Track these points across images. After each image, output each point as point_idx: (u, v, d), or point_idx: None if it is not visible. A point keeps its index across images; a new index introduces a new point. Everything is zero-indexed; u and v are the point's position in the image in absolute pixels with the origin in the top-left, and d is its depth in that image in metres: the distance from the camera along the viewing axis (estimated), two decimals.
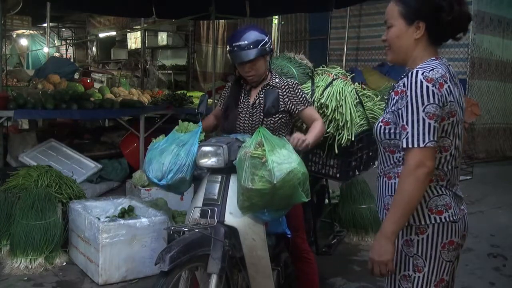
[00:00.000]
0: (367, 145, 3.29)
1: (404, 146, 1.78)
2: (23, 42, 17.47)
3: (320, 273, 3.01)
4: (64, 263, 3.85)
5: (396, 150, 1.91)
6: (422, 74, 1.78)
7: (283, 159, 2.34)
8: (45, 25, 11.78)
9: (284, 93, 2.83)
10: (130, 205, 4.10)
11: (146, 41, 12.75)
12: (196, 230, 2.38)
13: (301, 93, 2.86)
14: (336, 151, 3.01)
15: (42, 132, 6.81)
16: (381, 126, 1.93)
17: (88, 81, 8.04)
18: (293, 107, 2.84)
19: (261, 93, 2.82)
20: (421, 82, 1.77)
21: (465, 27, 1.88)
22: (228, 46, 2.79)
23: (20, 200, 3.92)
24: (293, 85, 2.86)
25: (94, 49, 15.81)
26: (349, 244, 4.46)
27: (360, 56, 9.78)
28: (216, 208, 2.48)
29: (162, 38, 13.08)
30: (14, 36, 17.09)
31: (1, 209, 3.99)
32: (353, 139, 3.02)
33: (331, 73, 3.26)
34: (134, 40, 13.62)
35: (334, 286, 3.65)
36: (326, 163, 3.19)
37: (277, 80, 2.88)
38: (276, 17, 10.48)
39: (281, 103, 2.78)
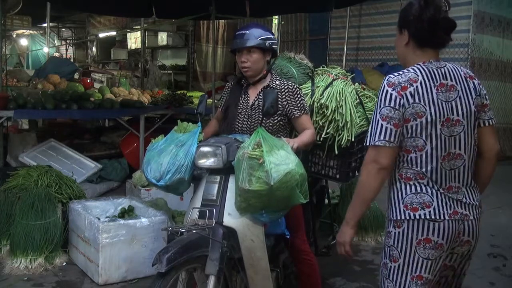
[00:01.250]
0: (367, 146, 3.28)
1: (365, 144, 2.01)
2: (23, 42, 17.45)
3: (320, 273, 3.01)
4: (64, 263, 3.85)
5: None
6: (387, 79, 1.97)
7: (281, 160, 2.32)
8: (45, 25, 11.77)
9: (284, 96, 2.81)
10: (130, 205, 4.10)
11: (146, 41, 12.75)
12: (194, 231, 2.38)
13: (300, 99, 2.83)
14: (336, 152, 3.00)
15: (42, 132, 6.82)
16: None
17: (88, 81, 8.04)
18: (289, 111, 2.82)
19: (261, 94, 2.81)
20: (384, 86, 1.96)
21: (446, 32, 1.99)
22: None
23: (20, 200, 3.92)
24: (294, 89, 2.84)
25: (94, 49, 15.79)
26: None
27: (360, 56, 9.77)
28: (214, 209, 2.47)
29: (162, 38, 13.06)
30: (14, 36, 17.06)
31: (1, 209, 3.99)
32: (353, 140, 3.00)
33: (331, 73, 3.24)
34: (134, 40, 13.61)
35: (334, 286, 3.64)
36: (325, 164, 3.17)
37: (277, 82, 2.86)
38: (276, 17, 10.48)
39: (279, 106, 2.77)
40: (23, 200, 3.85)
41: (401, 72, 1.97)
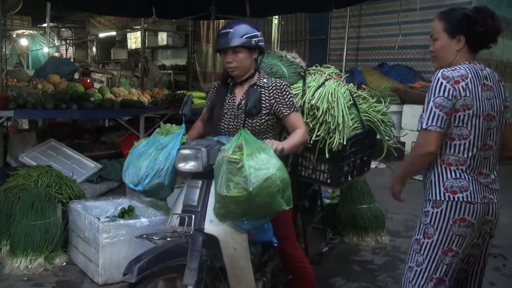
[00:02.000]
0: (361, 150, 3.14)
1: (417, 128, 2.19)
2: (23, 42, 17.47)
3: (320, 274, 2.97)
4: (64, 263, 3.85)
5: None
6: (442, 72, 2.17)
7: (261, 164, 2.17)
8: (45, 25, 11.78)
9: (271, 94, 2.66)
10: (130, 205, 4.10)
11: (146, 41, 12.77)
12: (169, 239, 2.25)
13: (288, 96, 2.68)
14: (327, 155, 2.86)
15: (42, 132, 6.82)
16: None
17: (88, 81, 8.04)
18: (277, 109, 2.67)
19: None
20: (438, 78, 2.16)
21: (496, 38, 2.28)
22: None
23: (20, 200, 3.91)
24: (282, 86, 2.68)
25: (94, 49, 15.82)
26: (349, 244, 4.45)
27: (360, 56, 9.78)
28: (194, 215, 2.33)
29: (162, 38, 13.08)
30: (14, 36, 17.08)
31: (1, 209, 3.99)
32: (344, 143, 2.85)
33: (324, 73, 3.13)
34: (134, 40, 13.63)
35: (334, 286, 3.64)
36: (316, 168, 3.00)
37: (265, 80, 2.71)
38: (276, 17, 10.49)
39: (267, 104, 2.65)
40: (23, 200, 3.85)
41: (453, 68, 2.18)
